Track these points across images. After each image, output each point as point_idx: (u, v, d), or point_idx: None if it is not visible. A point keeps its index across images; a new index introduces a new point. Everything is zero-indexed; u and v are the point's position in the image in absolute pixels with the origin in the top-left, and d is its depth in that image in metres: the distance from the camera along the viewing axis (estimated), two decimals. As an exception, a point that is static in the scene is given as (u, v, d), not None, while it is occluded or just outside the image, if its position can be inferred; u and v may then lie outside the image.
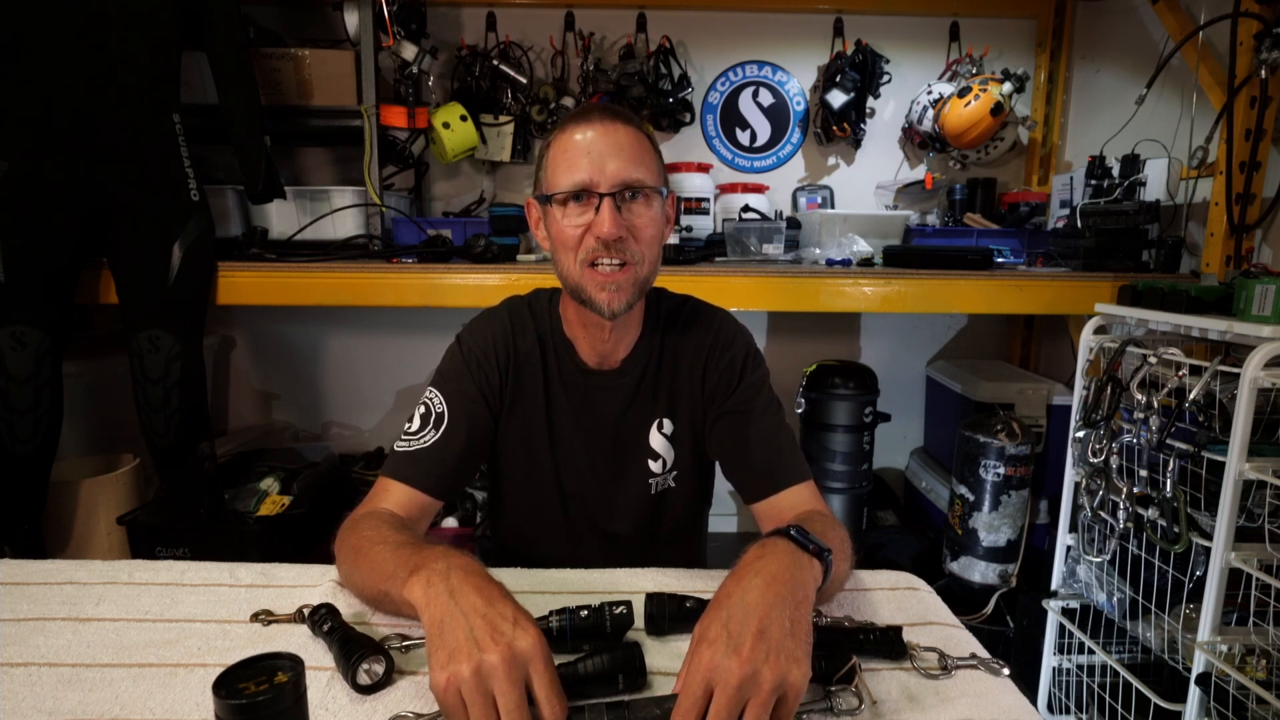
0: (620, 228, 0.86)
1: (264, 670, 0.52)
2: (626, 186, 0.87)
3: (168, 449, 1.66)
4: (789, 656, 0.58)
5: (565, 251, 0.90)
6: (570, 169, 0.87)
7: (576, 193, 0.87)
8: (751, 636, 0.58)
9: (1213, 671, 1.20)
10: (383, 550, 0.75)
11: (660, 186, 0.91)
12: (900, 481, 2.64)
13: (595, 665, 0.64)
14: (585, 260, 0.89)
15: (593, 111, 0.89)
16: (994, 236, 2.22)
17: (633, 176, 0.87)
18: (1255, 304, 1.24)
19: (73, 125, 1.53)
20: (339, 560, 0.82)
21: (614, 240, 0.86)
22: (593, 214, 0.87)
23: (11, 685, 0.67)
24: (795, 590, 0.64)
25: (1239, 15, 1.55)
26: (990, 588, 1.90)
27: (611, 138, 0.87)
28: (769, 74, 2.47)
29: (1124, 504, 1.35)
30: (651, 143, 0.92)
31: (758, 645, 0.57)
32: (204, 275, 1.67)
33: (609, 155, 0.86)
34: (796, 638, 0.60)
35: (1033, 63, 2.45)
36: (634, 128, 0.90)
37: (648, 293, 0.98)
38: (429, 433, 0.93)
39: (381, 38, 1.99)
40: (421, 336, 2.52)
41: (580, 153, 0.87)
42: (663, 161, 0.94)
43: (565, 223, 0.89)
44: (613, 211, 0.86)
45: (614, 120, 0.88)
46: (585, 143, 0.87)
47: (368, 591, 0.77)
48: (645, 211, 0.89)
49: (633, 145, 0.88)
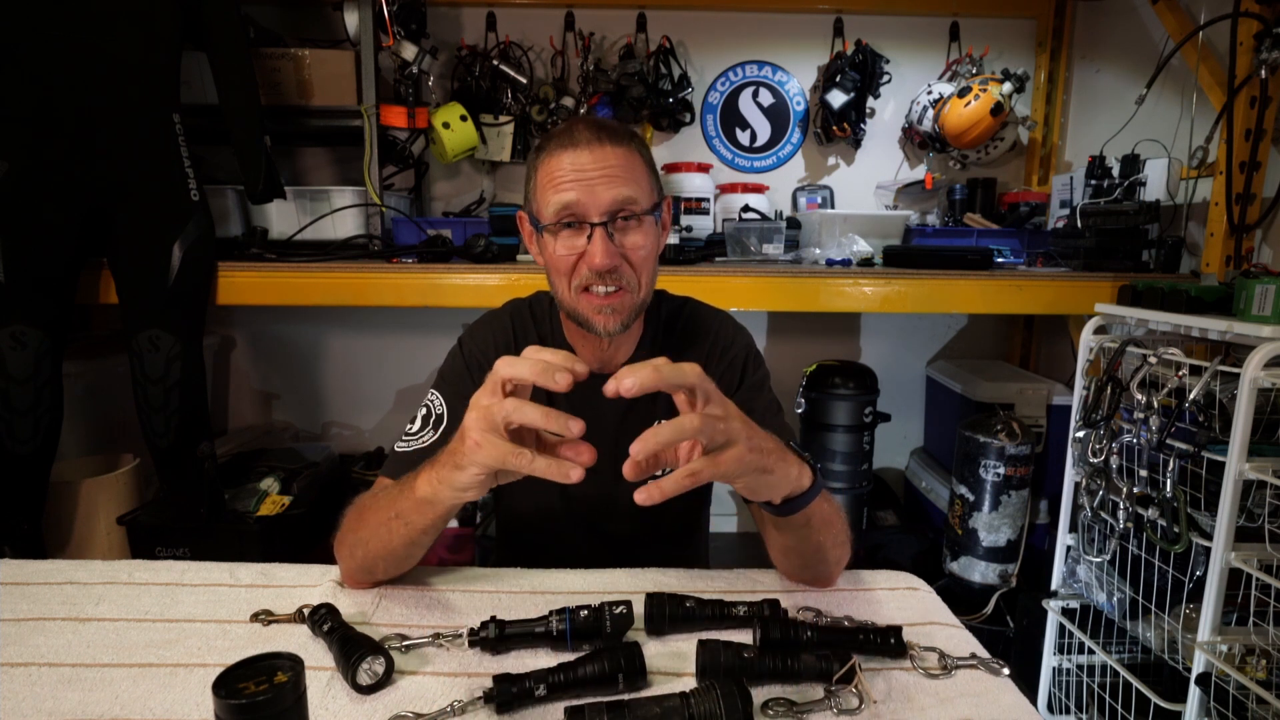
0: (613, 256, 0.85)
1: (264, 670, 0.52)
2: (618, 210, 0.85)
3: (168, 449, 1.66)
4: (747, 437, 0.64)
5: (559, 277, 0.89)
6: (558, 194, 0.84)
7: (567, 221, 0.85)
8: (736, 409, 0.66)
9: (1213, 671, 1.20)
10: (383, 494, 0.81)
11: (653, 204, 0.89)
12: (900, 481, 2.64)
13: (595, 665, 0.64)
14: (580, 286, 0.88)
15: (579, 132, 0.85)
16: (994, 236, 2.22)
17: (624, 197, 0.84)
18: (1255, 304, 1.24)
19: (73, 125, 1.53)
20: (343, 535, 0.83)
21: (608, 270, 0.85)
22: (584, 241, 0.85)
23: (11, 685, 0.67)
24: (782, 449, 0.71)
25: (1239, 15, 1.55)
26: (990, 588, 1.90)
27: (600, 160, 0.84)
28: (769, 74, 2.47)
29: (1124, 504, 1.35)
30: (643, 155, 0.89)
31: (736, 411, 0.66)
32: (204, 275, 1.67)
33: (598, 181, 0.83)
34: (758, 451, 0.66)
35: (1033, 63, 2.45)
36: (623, 145, 0.86)
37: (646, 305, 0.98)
38: (428, 433, 0.93)
39: (381, 38, 1.99)
40: (421, 336, 2.52)
41: (568, 178, 0.84)
42: (656, 170, 0.92)
43: (558, 250, 0.87)
44: (605, 241, 0.84)
45: (601, 142, 0.85)
46: (574, 167, 0.84)
47: (378, 531, 0.79)
48: (638, 234, 0.87)
49: (622, 165, 0.85)
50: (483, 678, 0.66)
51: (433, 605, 0.81)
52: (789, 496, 0.74)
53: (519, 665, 0.70)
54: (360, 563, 0.82)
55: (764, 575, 0.89)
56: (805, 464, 0.75)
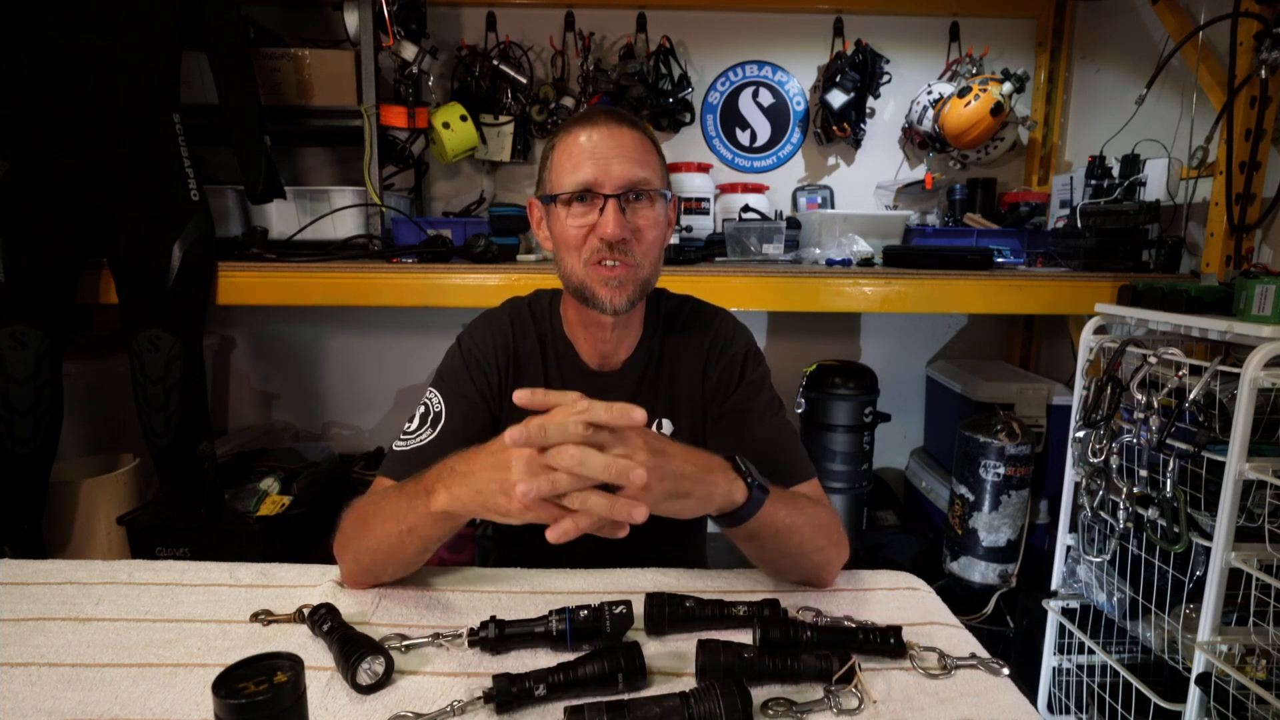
0: (624, 229, 0.87)
1: (264, 670, 0.52)
2: (631, 188, 0.88)
3: (168, 449, 1.66)
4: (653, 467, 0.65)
5: (569, 251, 0.91)
6: (575, 169, 0.88)
7: (580, 193, 0.88)
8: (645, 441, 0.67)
9: (1213, 671, 1.20)
10: (387, 501, 0.80)
11: (664, 189, 0.92)
12: (900, 481, 2.64)
13: (595, 665, 0.65)
14: (589, 259, 0.90)
15: (597, 114, 0.91)
16: (994, 236, 2.22)
17: (637, 177, 0.88)
18: (1255, 304, 1.24)
19: (73, 125, 1.53)
20: (346, 541, 0.83)
21: (617, 241, 0.88)
22: (596, 214, 0.88)
23: (11, 685, 0.67)
24: (705, 470, 0.72)
25: (1239, 15, 1.55)
26: (990, 588, 1.90)
27: (616, 139, 0.88)
28: (769, 74, 2.47)
29: (1124, 504, 1.35)
30: (655, 146, 0.93)
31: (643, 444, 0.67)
32: (204, 275, 1.67)
33: (614, 157, 0.87)
34: (669, 478, 0.68)
35: (1033, 63, 2.45)
36: (638, 130, 0.91)
37: (648, 294, 0.98)
38: (426, 432, 0.93)
39: (381, 38, 1.99)
40: (421, 336, 2.52)
41: (585, 154, 0.88)
42: (666, 165, 0.95)
43: (570, 223, 0.89)
44: (617, 213, 0.87)
45: (619, 123, 0.90)
46: (590, 144, 0.88)
47: (388, 540, 0.79)
48: (649, 212, 0.90)
49: (637, 147, 0.89)
50: (483, 678, 0.66)
51: (433, 605, 0.81)
52: (723, 511, 0.75)
53: (519, 665, 0.70)
54: (367, 568, 0.82)
55: (764, 575, 0.89)
56: (740, 479, 0.75)
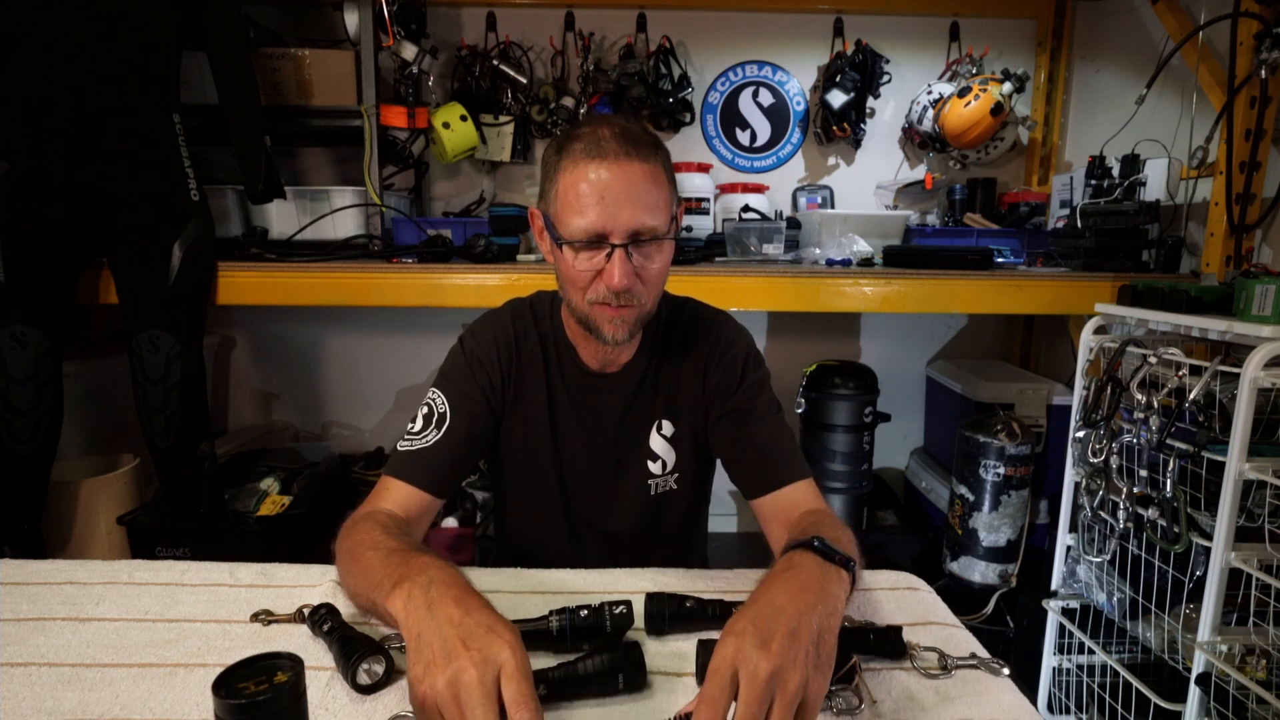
0: (630, 278, 0.86)
1: (264, 670, 0.52)
2: (639, 236, 0.85)
3: (168, 449, 1.66)
4: (814, 663, 0.57)
5: (574, 289, 0.90)
6: (581, 213, 0.84)
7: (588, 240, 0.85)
8: (781, 634, 0.57)
9: (1213, 671, 1.20)
10: (373, 557, 0.75)
11: (671, 221, 0.89)
12: (900, 481, 2.64)
13: (595, 665, 0.65)
14: (594, 300, 0.89)
15: (606, 144, 0.84)
16: (994, 236, 2.22)
17: (645, 225, 0.85)
18: (1255, 304, 1.24)
19: (73, 125, 1.53)
20: (338, 561, 0.82)
21: (623, 290, 0.86)
22: (603, 261, 0.86)
23: (11, 685, 0.67)
24: (825, 600, 0.64)
25: (1239, 15, 1.55)
26: (990, 588, 1.90)
27: (626, 179, 0.83)
28: (769, 74, 2.47)
29: (1124, 504, 1.35)
30: (666, 168, 0.89)
31: (786, 644, 0.56)
32: (204, 275, 1.67)
33: (623, 203, 0.83)
34: (823, 647, 0.59)
35: (1033, 63, 2.45)
36: (650, 162, 0.86)
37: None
38: (431, 432, 0.93)
39: (381, 38, 1.99)
40: (421, 336, 2.52)
41: (592, 197, 0.83)
42: (674, 180, 0.92)
43: (576, 265, 0.87)
44: (624, 263, 0.85)
45: (629, 158, 0.84)
46: (600, 185, 0.83)
47: (359, 599, 0.77)
48: (656, 256, 0.88)
49: (647, 186, 0.85)
50: (483, 678, 0.66)
51: (433, 605, 0.81)
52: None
53: (519, 665, 0.70)
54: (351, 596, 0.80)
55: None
56: (831, 566, 0.69)
